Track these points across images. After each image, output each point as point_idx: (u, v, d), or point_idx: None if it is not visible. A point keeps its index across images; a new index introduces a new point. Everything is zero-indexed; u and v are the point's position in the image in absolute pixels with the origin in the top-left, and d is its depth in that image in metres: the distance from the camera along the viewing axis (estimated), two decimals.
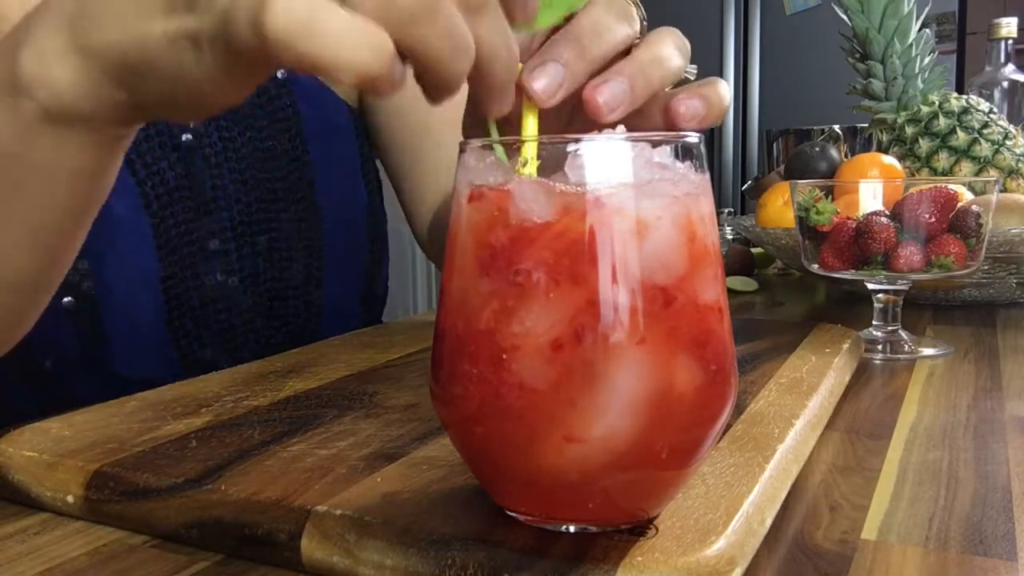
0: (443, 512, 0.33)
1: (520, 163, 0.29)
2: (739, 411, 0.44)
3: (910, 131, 0.98)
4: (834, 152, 1.00)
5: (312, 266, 0.76)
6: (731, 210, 1.84)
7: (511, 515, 0.31)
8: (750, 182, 1.45)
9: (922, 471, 0.41)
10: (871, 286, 0.69)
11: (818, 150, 1.00)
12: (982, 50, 1.41)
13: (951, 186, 0.66)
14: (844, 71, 1.07)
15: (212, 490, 0.35)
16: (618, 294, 0.27)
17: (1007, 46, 1.33)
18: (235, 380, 0.54)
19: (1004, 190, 0.92)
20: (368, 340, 0.67)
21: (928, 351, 0.67)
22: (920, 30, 0.98)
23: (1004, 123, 0.97)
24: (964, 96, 0.99)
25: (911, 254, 0.65)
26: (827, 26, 2.10)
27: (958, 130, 0.95)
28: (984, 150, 0.94)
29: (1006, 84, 1.33)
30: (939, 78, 1.00)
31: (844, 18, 0.99)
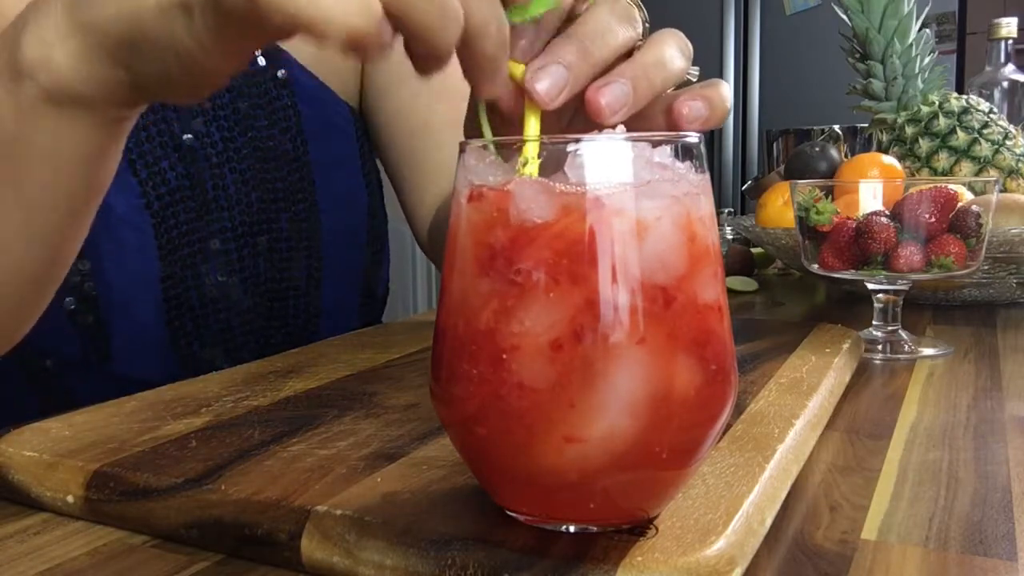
0: (443, 512, 0.33)
1: (520, 163, 0.29)
2: (739, 411, 0.44)
3: (910, 131, 0.98)
4: (834, 152, 1.00)
5: (312, 266, 0.76)
6: (731, 210, 1.84)
7: (511, 515, 0.31)
8: (750, 182, 1.45)
9: (922, 471, 0.41)
10: (871, 286, 0.69)
11: (818, 150, 1.00)
12: (982, 50, 1.41)
13: (951, 186, 0.66)
14: (844, 71, 1.07)
15: (212, 490, 0.35)
16: (618, 294, 0.27)
17: (1007, 46, 1.33)
18: (235, 380, 0.54)
19: (1004, 190, 0.92)
20: (368, 340, 0.67)
21: (928, 351, 0.67)
22: (920, 30, 0.98)
23: (1004, 123, 0.97)
24: (964, 96, 0.99)
25: (911, 254, 0.65)
26: (827, 26, 2.11)
27: (958, 130, 0.95)
28: (984, 150, 0.94)
29: (1006, 84, 1.33)
30: (939, 78, 1.00)
31: (844, 18, 0.99)
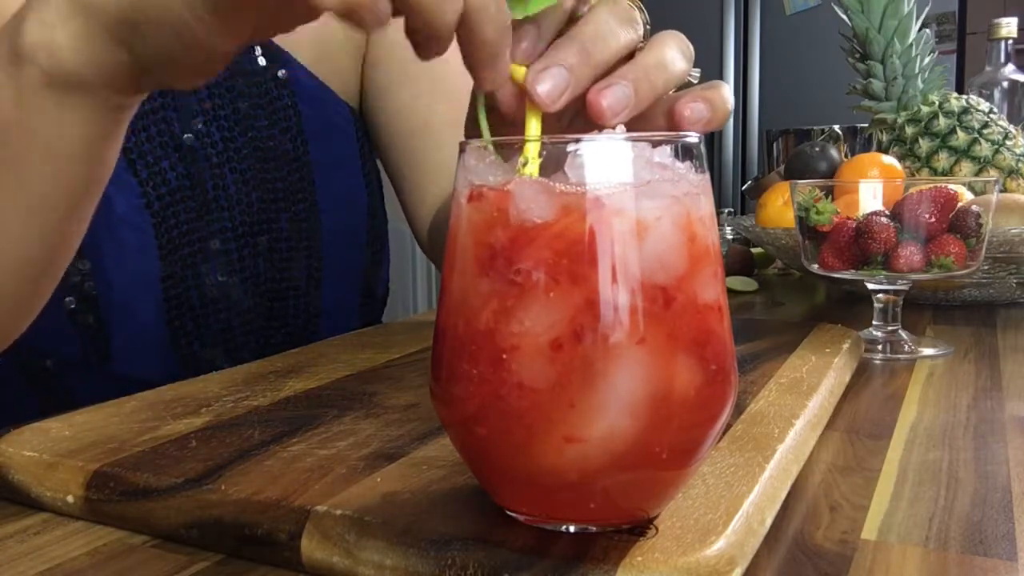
0: (443, 512, 0.33)
1: (520, 163, 0.29)
2: (739, 411, 0.44)
3: (910, 131, 0.98)
4: (834, 152, 1.00)
5: (312, 266, 0.76)
6: (731, 210, 1.84)
7: (511, 515, 0.31)
8: (750, 182, 1.45)
9: (922, 471, 0.41)
10: (871, 286, 0.69)
11: (818, 150, 1.00)
12: (982, 50, 1.41)
13: (951, 186, 0.66)
14: (844, 71, 1.07)
15: (212, 490, 0.35)
16: (618, 294, 0.27)
17: (1007, 46, 1.33)
18: (235, 380, 0.54)
19: (1004, 190, 0.92)
20: (368, 340, 0.67)
21: (928, 351, 0.67)
22: (920, 30, 0.98)
23: (1004, 123, 0.97)
24: (964, 96, 0.99)
25: (911, 254, 0.65)
26: (827, 26, 2.10)
27: (958, 130, 0.95)
28: (984, 150, 0.94)
29: (1006, 84, 1.33)
30: (939, 78, 1.00)
31: (844, 18, 0.99)
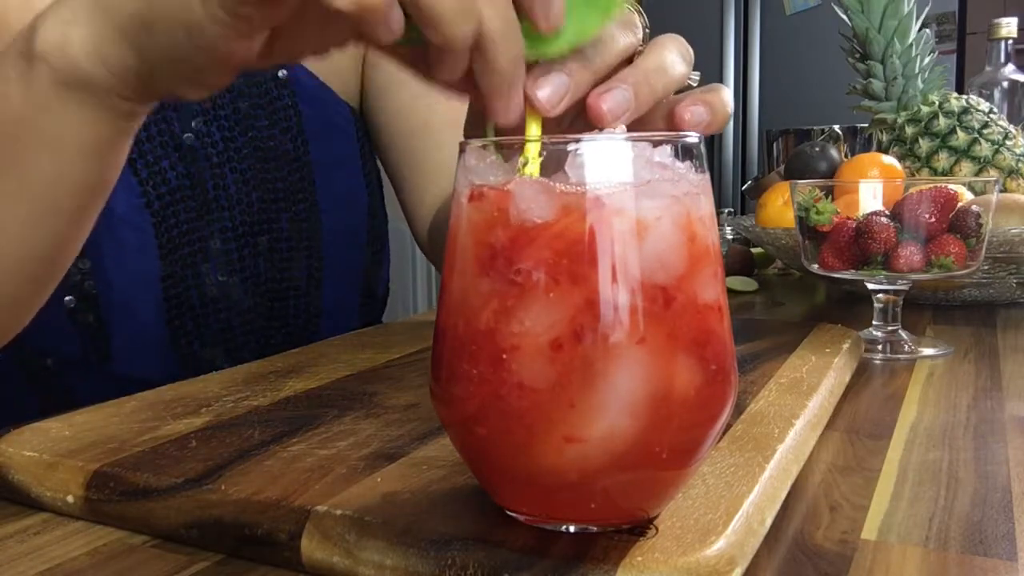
0: (443, 512, 0.33)
1: (521, 163, 0.29)
2: (739, 411, 0.44)
3: (910, 131, 0.98)
4: (834, 152, 1.00)
5: (312, 266, 0.76)
6: (731, 210, 1.84)
7: (511, 515, 0.31)
8: (750, 182, 1.45)
9: (922, 471, 0.41)
10: (871, 286, 0.69)
11: (818, 150, 1.00)
12: (982, 50, 1.41)
13: (951, 186, 0.66)
14: (844, 71, 1.07)
15: (212, 490, 0.35)
16: (618, 294, 0.27)
17: (1007, 46, 1.33)
18: (235, 380, 0.54)
19: (1004, 190, 0.92)
20: (368, 340, 0.67)
21: (928, 351, 0.67)
22: (920, 30, 0.98)
23: (1004, 123, 0.97)
24: (964, 96, 0.99)
25: (911, 254, 0.65)
26: (827, 26, 2.10)
27: (958, 130, 0.95)
28: (984, 150, 0.94)
29: (1006, 84, 1.33)
30: (939, 78, 1.00)
31: (844, 18, 0.99)
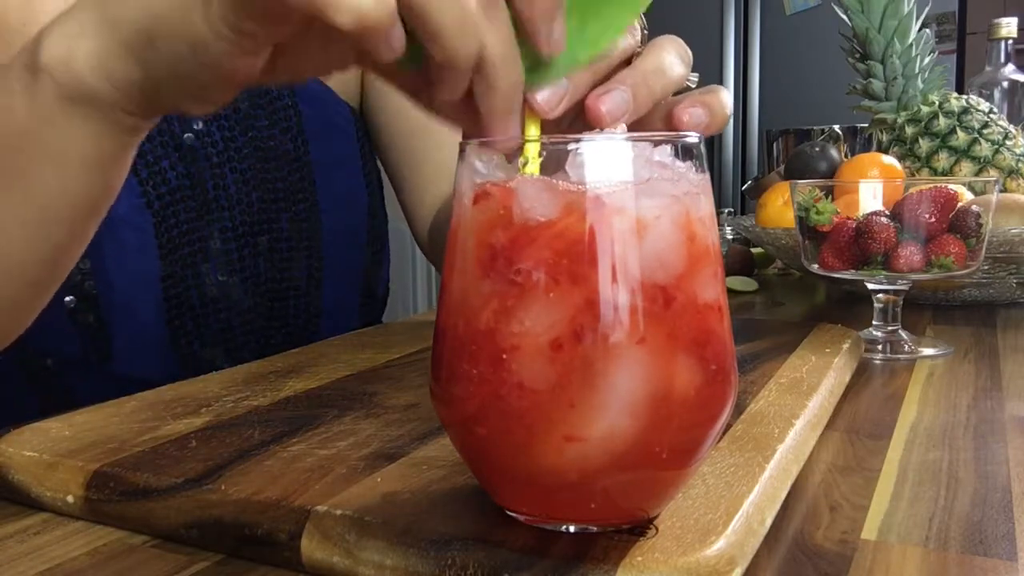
0: (443, 512, 0.33)
1: (521, 163, 0.29)
2: (739, 411, 0.44)
3: (910, 131, 0.98)
4: (834, 152, 1.00)
5: (312, 266, 0.76)
6: (731, 210, 1.84)
7: (511, 515, 0.31)
8: (750, 182, 1.45)
9: (922, 471, 0.41)
10: (871, 286, 0.69)
11: (818, 150, 1.00)
12: (982, 50, 1.41)
13: (951, 186, 0.66)
14: (844, 71, 1.07)
15: (212, 490, 0.35)
16: (618, 294, 0.27)
17: (1007, 46, 1.33)
18: (235, 380, 0.54)
19: (1004, 190, 0.92)
20: (368, 340, 0.67)
21: (928, 351, 0.67)
22: (920, 30, 0.98)
23: (1004, 123, 0.97)
24: (964, 96, 0.99)
25: (911, 254, 0.65)
26: (827, 26, 2.10)
27: (958, 130, 0.95)
28: (984, 150, 0.94)
29: (1006, 84, 1.33)
30: (939, 78, 1.00)
31: (844, 18, 0.99)
